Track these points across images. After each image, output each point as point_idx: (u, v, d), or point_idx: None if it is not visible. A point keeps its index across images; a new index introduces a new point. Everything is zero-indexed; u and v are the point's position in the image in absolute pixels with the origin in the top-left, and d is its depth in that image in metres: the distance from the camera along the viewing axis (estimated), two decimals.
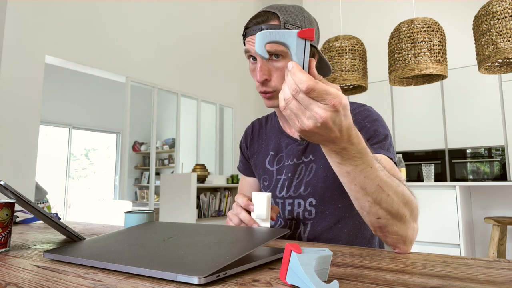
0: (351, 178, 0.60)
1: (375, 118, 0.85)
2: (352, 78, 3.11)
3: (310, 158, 0.90)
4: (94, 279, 0.46)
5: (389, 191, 0.61)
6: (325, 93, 0.49)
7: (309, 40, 0.51)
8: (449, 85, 4.09)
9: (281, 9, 0.80)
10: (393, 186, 0.62)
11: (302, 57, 0.52)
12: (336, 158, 0.58)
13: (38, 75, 3.24)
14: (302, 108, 0.50)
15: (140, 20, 4.24)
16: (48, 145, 5.97)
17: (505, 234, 2.60)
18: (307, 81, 0.48)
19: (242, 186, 1.08)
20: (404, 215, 0.63)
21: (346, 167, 0.58)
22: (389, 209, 0.62)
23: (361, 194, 0.61)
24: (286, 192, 0.91)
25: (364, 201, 0.62)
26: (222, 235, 0.62)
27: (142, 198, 6.98)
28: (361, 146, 0.58)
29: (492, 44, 2.38)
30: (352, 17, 4.85)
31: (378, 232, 0.66)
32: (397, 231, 0.64)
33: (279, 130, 0.98)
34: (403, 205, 0.63)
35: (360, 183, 0.59)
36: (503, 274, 0.46)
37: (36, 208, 0.66)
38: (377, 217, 0.63)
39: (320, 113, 0.49)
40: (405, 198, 0.63)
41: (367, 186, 0.59)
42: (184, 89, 4.75)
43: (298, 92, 0.49)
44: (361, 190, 0.60)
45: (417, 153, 4.25)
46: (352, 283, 0.43)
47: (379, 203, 0.61)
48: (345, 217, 0.87)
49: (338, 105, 0.49)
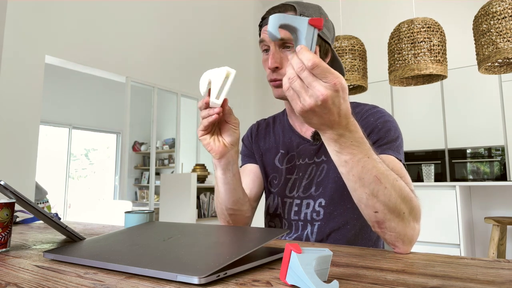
0: (349, 168, 0.61)
1: (387, 119, 0.85)
2: (352, 78, 3.11)
3: (322, 158, 0.89)
4: (94, 279, 0.46)
5: (386, 184, 0.61)
6: (328, 71, 0.52)
7: (317, 29, 0.56)
8: (449, 85, 4.09)
9: (299, 3, 0.84)
10: (390, 179, 0.62)
11: (310, 43, 0.56)
12: (335, 146, 0.60)
13: (38, 75, 3.24)
14: (305, 86, 0.54)
15: (140, 20, 4.24)
16: (48, 145, 5.97)
17: (505, 234, 2.60)
18: (313, 58, 0.52)
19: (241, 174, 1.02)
20: (402, 211, 0.63)
21: (344, 155, 0.60)
22: (386, 202, 0.62)
23: (358, 185, 0.62)
24: (296, 192, 0.91)
25: (361, 192, 0.63)
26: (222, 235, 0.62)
27: (142, 198, 6.98)
28: (359, 135, 0.60)
29: (492, 44, 2.38)
30: (352, 17, 4.85)
31: (376, 227, 0.66)
32: (395, 227, 0.64)
33: (289, 129, 0.98)
34: (401, 201, 0.63)
35: (357, 173, 0.61)
36: (503, 274, 0.46)
37: (36, 208, 0.66)
38: (374, 210, 0.63)
39: (322, 90, 0.52)
40: (404, 194, 0.63)
41: (364, 176, 0.61)
42: (184, 89, 4.75)
43: (303, 70, 0.53)
44: (359, 181, 0.62)
45: (417, 153, 4.25)
46: (352, 283, 0.43)
47: (376, 195, 0.62)
48: (353, 218, 0.86)
49: (338, 84, 0.53)
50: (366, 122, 0.85)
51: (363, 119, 0.86)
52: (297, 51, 0.54)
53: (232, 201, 0.87)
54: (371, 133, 0.83)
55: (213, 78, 0.73)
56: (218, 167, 0.82)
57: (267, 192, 0.99)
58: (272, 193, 0.96)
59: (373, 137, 0.82)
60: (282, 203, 0.93)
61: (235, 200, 0.87)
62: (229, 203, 0.87)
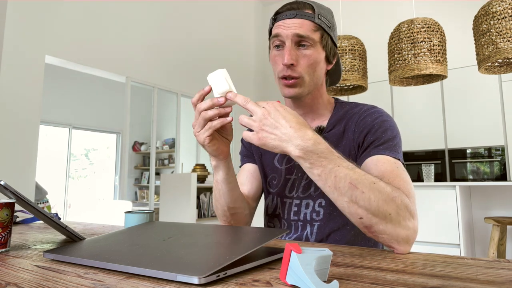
0: (323, 181, 0.63)
1: (384, 119, 0.84)
2: (352, 78, 3.11)
3: None
4: (94, 279, 0.46)
5: (363, 188, 0.62)
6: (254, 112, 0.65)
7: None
8: (449, 85, 4.09)
9: (315, 2, 0.84)
10: (366, 183, 0.62)
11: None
12: (305, 162, 0.63)
13: (38, 75, 3.24)
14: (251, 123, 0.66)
15: (140, 20, 4.24)
16: (48, 145, 5.97)
17: (505, 234, 2.60)
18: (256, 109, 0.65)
19: (239, 176, 1.02)
20: (387, 213, 0.63)
21: (315, 169, 0.63)
22: (367, 207, 0.62)
23: (336, 194, 0.63)
24: (295, 192, 0.91)
25: (341, 201, 0.64)
26: (222, 235, 0.62)
27: (142, 198, 6.98)
28: (323, 146, 0.62)
29: (492, 44, 2.38)
30: (352, 17, 4.85)
31: (367, 232, 0.66)
32: (384, 230, 0.63)
33: None
34: (383, 203, 0.62)
35: (332, 184, 0.63)
36: (503, 274, 0.46)
37: (36, 208, 0.66)
38: (359, 217, 0.64)
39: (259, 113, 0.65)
40: (384, 195, 0.63)
41: (339, 185, 0.62)
42: (184, 89, 4.75)
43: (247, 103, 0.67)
44: (336, 191, 0.63)
45: (417, 153, 4.25)
46: (352, 283, 0.43)
47: (356, 201, 0.62)
48: None
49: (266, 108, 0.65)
50: (364, 122, 0.84)
51: (361, 119, 0.85)
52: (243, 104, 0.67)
53: (233, 200, 0.87)
54: (368, 133, 0.82)
55: (226, 76, 0.69)
56: (222, 168, 0.81)
57: (266, 193, 0.99)
58: (271, 193, 0.96)
59: (370, 138, 0.81)
60: (281, 203, 0.93)
61: (236, 197, 0.87)
62: (231, 202, 0.87)
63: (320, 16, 0.82)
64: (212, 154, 0.78)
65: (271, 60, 0.88)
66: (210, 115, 0.70)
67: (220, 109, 0.71)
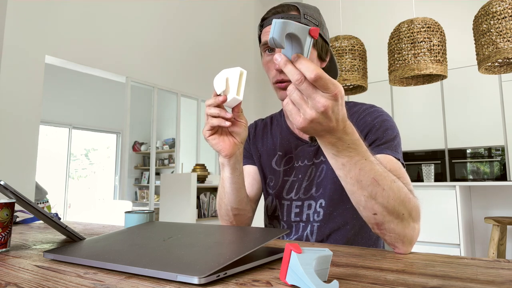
0: (346, 171, 0.61)
1: (385, 118, 0.84)
2: (352, 78, 3.11)
3: (321, 159, 0.89)
4: (94, 279, 0.46)
5: (384, 185, 0.61)
6: (330, 82, 0.50)
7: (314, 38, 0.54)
8: (449, 85, 4.09)
9: (299, 3, 0.84)
10: (388, 181, 0.62)
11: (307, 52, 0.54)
12: (332, 149, 0.59)
13: (38, 75, 3.24)
14: (304, 98, 0.52)
15: (140, 20, 4.24)
16: (48, 145, 5.97)
17: (505, 234, 2.60)
18: (315, 69, 0.49)
19: None
20: (401, 213, 0.63)
21: (341, 158, 0.60)
22: (384, 204, 0.61)
23: (356, 187, 0.61)
24: (295, 194, 0.90)
25: (359, 195, 0.62)
26: (222, 235, 0.62)
27: (142, 198, 6.98)
28: (355, 137, 0.59)
29: (492, 44, 2.38)
30: (352, 17, 4.85)
31: (376, 229, 0.66)
32: (394, 229, 0.63)
33: (287, 131, 0.97)
34: (400, 202, 0.62)
35: (355, 176, 0.60)
36: (503, 274, 0.46)
37: (36, 208, 0.66)
38: (373, 212, 0.63)
39: (323, 101, 0.50)
40: (402, 195, 0.63)
41: (362, 179, 0.60)
42: (184, 89, 4.75)
43: (302, 82, 0.50)
44: (356, 183, 0.61)
45: (417, 153, 4.25)
46: (352, 283, 0.43)
47: (375, 197, 0.61)
48: (353, 218, 0.86)
49: (338, 94, 0.51)
50: (364, 122, 0.84)
51: (360, 118, 0.85)
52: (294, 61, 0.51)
53: (238, 201, 0.86)
54: (368, 132, 0.82)
55: (230, 76, 0.71)
56: (226, 166, 0.81)
57: (266, 194, 0.99)
58: (270, 194, 0.96)
59: (371, 137, 0.81)
60: (279, 205, 0.93)
61: (241, 199, 0.87)
62: (235, 203, 0.86)
63: (306, 16, 0.82)
64: (214, 149, 0.79)
65: (264, 66, 0.88)
66: (210, 112, 0.73)
67: (221, 109, 0.73)
